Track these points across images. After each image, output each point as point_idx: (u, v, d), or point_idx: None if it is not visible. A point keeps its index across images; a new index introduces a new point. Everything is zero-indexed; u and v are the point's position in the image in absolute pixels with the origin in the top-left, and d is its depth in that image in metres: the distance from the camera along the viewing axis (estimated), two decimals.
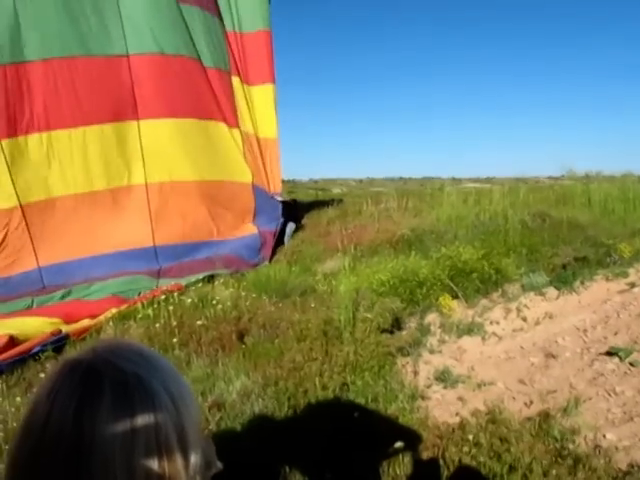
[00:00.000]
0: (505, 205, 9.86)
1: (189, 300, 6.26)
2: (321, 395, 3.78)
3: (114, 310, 6.25)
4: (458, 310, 5.89)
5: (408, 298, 5.87)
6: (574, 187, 12.87)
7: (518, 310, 5.88)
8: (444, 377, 4.37)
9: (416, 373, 4.55)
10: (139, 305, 6.29)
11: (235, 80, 10.64)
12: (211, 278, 7.63)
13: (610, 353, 4.31)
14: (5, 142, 7.87)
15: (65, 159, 8.41)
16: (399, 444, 3.09)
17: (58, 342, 5.33)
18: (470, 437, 3.15)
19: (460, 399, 4.05)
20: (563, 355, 4.57)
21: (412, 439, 3.20)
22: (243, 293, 6.44)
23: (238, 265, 8.50)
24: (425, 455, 3.07)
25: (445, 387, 4.27)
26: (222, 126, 10.12)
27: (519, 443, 3.02)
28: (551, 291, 6.30)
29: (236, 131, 10.42)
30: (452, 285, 6.09)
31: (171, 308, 5.86)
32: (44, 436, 0.68)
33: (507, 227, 8.10)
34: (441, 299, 5.84)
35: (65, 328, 5.69)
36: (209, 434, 3.42)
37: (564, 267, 6.80)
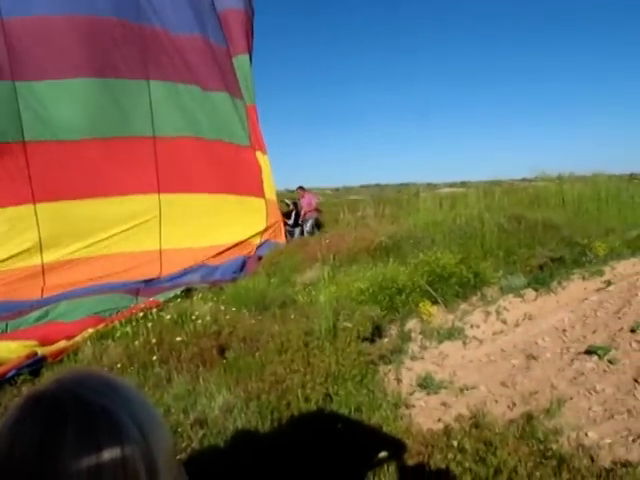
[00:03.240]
0: (481, 208, 9.93)
1: (168, 316, 6.17)
2: (304, 407, 3.75)
3: (91, 330, 6.15)
4: (438, 315, 5.91)
5: (388, 305, 5.87)
6: (547, 188, 13.03)
7: (497, 313, 5.92)
8: (426, 383, 4.37)
9: (399, 380, 4.54)
10: (117, 323, 6.20)
11: (258, 154, 11.63)
12: (189, 293, 7.56)
13: (589, 352, 4.35)
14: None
15: None
16: (384, 453, 3.07)
17: (34, 365, 5.22)
18: (455, 443, 3.14)
19: (443, 404, 4.05)
20: (543, 356, 4.60)
21: (397, 448, 3.18)
22: (222, 307, 6.38)
23: (217, 281, 8.53)
24: (410, 463, 3.05)
25: (428, 393, 4.27)
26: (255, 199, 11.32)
27: (503, 446, 3.02)
28: (529, 292, 6.36)
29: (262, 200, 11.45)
30: (431, 291, 6.11)
31: (150, 325, 5.78)
32: (7, 467, 0.65)
33: (483, 230, 8.16)
34: (421, 305, 5.86)
35: (41, 350, 5.58)
36: (192, 452, 3.38)
37: (541, 268, 6.87)
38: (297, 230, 13.27)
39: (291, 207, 14.22)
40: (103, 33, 9.48)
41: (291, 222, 13.41)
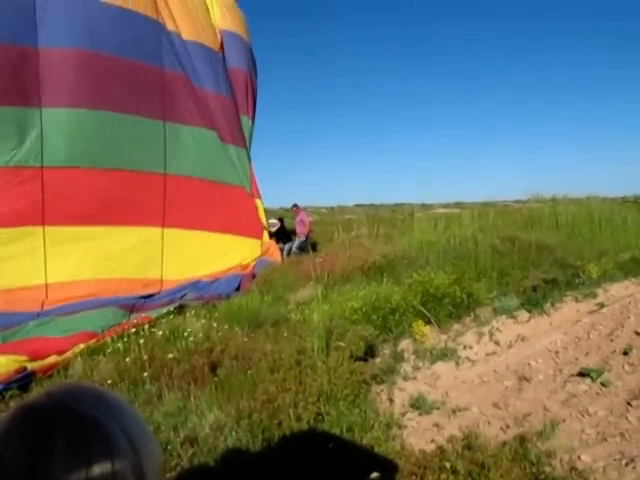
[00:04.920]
0: (475, 229, 9.97)
1: (160, 333, 6.14)
2: (295, 426, 3.72)
3: (82, 345, 6.11)
4: (431, 336, 5.89)
5: (381, 325, 5.86)
6: (541, 210, 13.09)
7: (490, 334, 5.92)
8: (419, 404, 4.35)
9: (391, 401, 4.52)
10: (108, 339, 6.15)
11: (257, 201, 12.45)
12: (182, 309, 7.54)
13: (582, 374, 4.34)
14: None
15: None
16: (375, 474, 3.04)
17: (23, 380, 5.16)
18: (447, 464, 3.11)
19: (436, 425, 4.02)
20: (536, 377, 4.59)
21: (389, 469, 3.15)
22: (215, 324, 6.35)
23: (211, 298, 8.54)
24: None
25: (420, 414, 4.25)
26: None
27: (496, 468, 2.99)
28: (522, 314, 6.36)
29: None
30: (424, 311, 6.11)
31: (142, 341, 5.74)
32: None
33: (477, 251, 8.18)
34: (414, 325, 5.84)
35: (31, 365, 5.53)
36: (181, 470, 3.34)
37: (534, 289, 6.88)
38: (285, 247, 13.25)
39: (278, 226, 14.30)
40: (127, 71, 10.06)
41: (274, 230, 13.45)
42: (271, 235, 12.80)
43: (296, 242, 13.58)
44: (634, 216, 11.75)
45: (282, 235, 14.12)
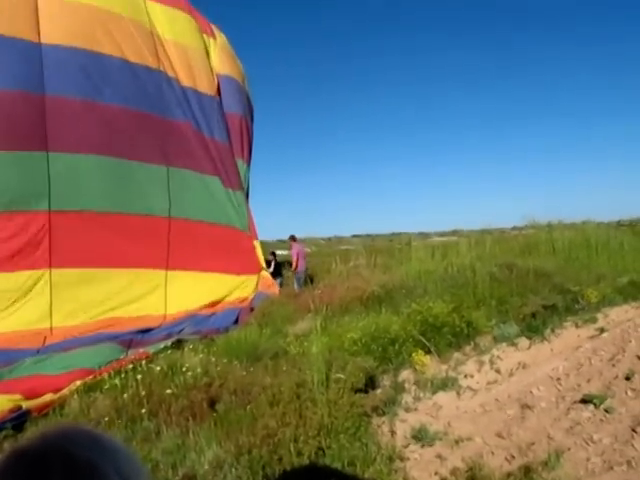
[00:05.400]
0: (472, 257, 9.97)
1: (158, 368, 6.08)
2: (296, 462, 3.66)
3: (79, 382, 6.03)
4: (431, 365, 5.84)
5: (381, 356, 5.81)
6: (538, 236, 13.12)
7: (491, 362, 5.87)
8: (421, 435, 4.29)
9: (393, 433, 4.46)
10: (105, 375, 6.08)
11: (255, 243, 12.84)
12: (180, 344, 7.48)
13: (585, 401, 4.29)
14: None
15: None
16: None
17: (18, 419, 5.09)
18: None
19: (439, 457, 3.96)
20: (539, 405, 4.53)
21: None
22: (213, 358, 6.30)
23: (209, 332, 8.50)
24: None
25: (423, 445, 4.18)
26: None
27: None
28: (523, 341, 6.33)
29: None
30: (424, 340, 6.06)
31: (139, 377, 5.68)
32: None
33: (475, 279, 8.16)
34: (414, 355, 5.80)
35: (26, 404, 5.45)
36: None
37: (534, 316, 6.85)
38: (278, 280, 13.17)
39: (272, 260, 14.33)
40: (131, 119, 10.64)
41: (271, 270, 13.41)
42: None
43: (295, 283, 13.44)
44: (630, 240, 11.80)
45: (276, 268, 14.14)
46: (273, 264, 14.09)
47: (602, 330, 6.22)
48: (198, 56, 12.48)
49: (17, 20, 9.45)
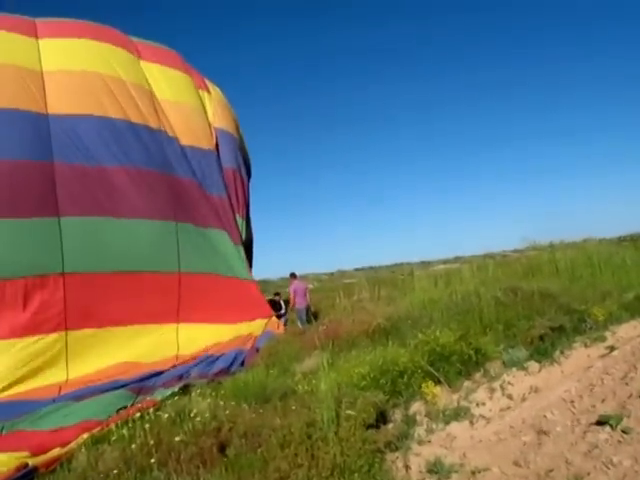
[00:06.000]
0: (476, 283, 9.93)
1: (166, 415, 5.98)
2: None
3: (86, 435, 5.95)
4: (442, 396, 5.76)
5: (390, 389, 5.74)
6: (540, 257, 13.10)
7: (502, 388, 5.80)
8: (436, 468, 4.20)
9: (407, 467, 4.37)
10: (113, 426, 6.00)
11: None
12: (187, 389, 7.40)
13: (601, 422, 4.22)
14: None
15: None
16: None
17: (25, 477, 5.01)
18: None
19: None
20: (554, 430, 4.45)
21: None
22: (222, 402, 6.20)
23: (216, 375, 8.46)
24: None
25: (439, 479, 4.09)
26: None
27: None
28: (533, 364, 6.26)
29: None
30: (433, 371, 5.99)
31: (147, 426, 5.59)
32: None
33: (481, 305, 8.11)
34: (424, 386, 5.73)
35: (32, 461, 5.36)
36: None
37: (542, 338, 6.79)
38: (283, 320, 13.13)
39: (276, 298, 14.34)
40: (138, 180, 11.03)
41: (282, 312, 13.42)
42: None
43: (297, 321, 13.34)
44: (632, 255, 11.78)
45: (280, 308, 14.13)
46: (283, 305, 14.07)
47: (612, 348, 6.16)
48: (196, 113, 12.98)
49: (24, 93, 10.04)
